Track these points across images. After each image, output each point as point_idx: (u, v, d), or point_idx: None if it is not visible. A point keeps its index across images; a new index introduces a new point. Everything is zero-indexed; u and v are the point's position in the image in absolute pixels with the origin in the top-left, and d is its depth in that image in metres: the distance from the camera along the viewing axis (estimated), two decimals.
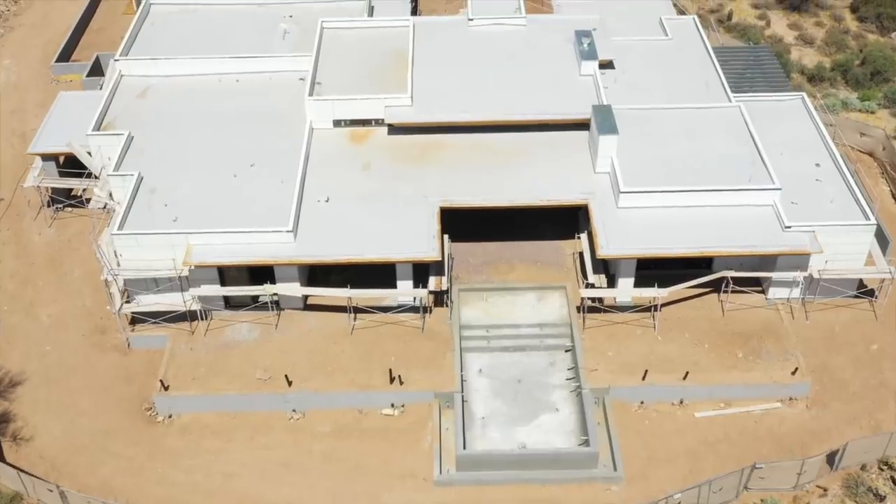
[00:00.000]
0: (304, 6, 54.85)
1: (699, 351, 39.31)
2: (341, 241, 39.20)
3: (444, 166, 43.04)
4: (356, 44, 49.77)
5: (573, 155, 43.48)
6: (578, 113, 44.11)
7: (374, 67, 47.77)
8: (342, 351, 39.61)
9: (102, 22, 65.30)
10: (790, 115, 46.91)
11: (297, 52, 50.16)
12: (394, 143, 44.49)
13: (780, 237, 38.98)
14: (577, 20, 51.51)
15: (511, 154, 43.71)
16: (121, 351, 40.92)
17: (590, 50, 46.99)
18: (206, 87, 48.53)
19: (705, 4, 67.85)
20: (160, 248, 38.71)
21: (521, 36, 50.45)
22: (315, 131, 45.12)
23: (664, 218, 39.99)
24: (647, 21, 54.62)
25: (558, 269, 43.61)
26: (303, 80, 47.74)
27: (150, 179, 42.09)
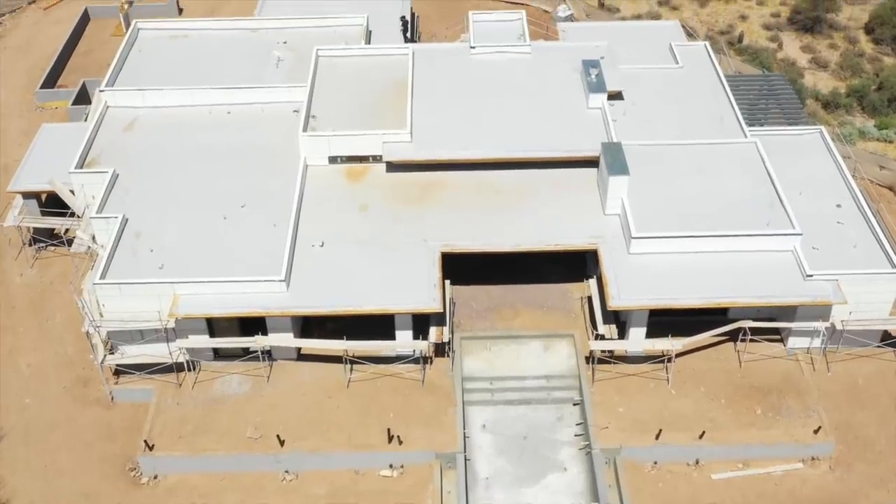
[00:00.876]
0: (298, 31, 53.13)
1: (715, 406, 37.49)
2: (337, 291, 37.39)
3: (445, 207, 41.25)
4: (353, 73, 47.97)
5: (581, 195, 41.69)
6: (586, 150, 42.34)
7: (371, 99, 45.99)
8: (338, 406, 37.78)
9: (90, 44, 63.51)
10: (808, 150, 45.15)
11: (291, 81, 48.51)
12: (392, 182, 42.68)
13: (801, 286, 37.16)
14: (584, 48, 49.73)
15: (515, 193, 41.92)
16: (104, 405, 39.09)
17: (598, 82, 45.19)
18: (196, 119, 46.72)
19: (715, 25, 66.11)
20: (145, 297, 36.89)
21: (525, 65, 48.65)
22: (309, 168, 43.34)
23: (678, 264, 38.19)
24: (656, 46, 52.84)
25: (565, 315, 41.81)
26: (297, 112, 46.01)
27: (135, 222, 40.27)
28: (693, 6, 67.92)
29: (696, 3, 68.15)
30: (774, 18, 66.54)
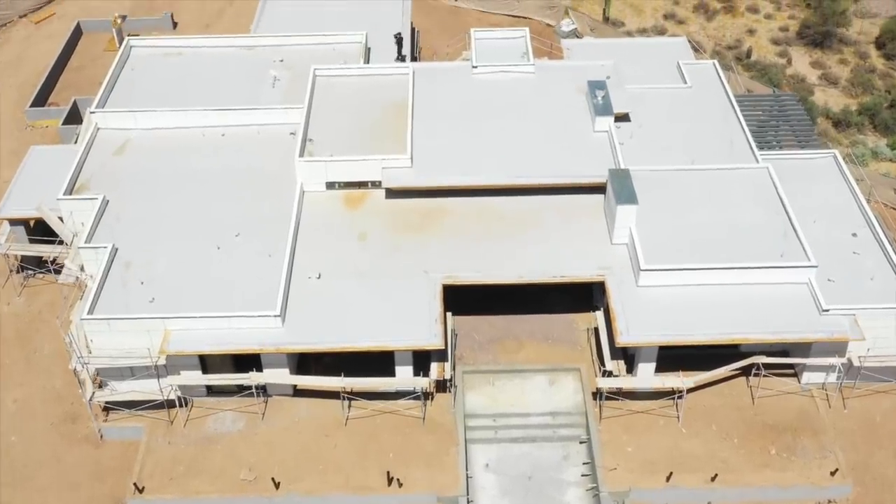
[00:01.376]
0: (295, 49, 51.88)
1: (728, 446, 36.25)
2: (334, 326, 36.19)
3: (447, 235, 40.05)
4: (351, 94, 46.75)
5: (587, 222, 40.52)
6: (593, 176, 41.17)
7: (370, 121, 44.77)
8: (335, 445, 36.55)
9: (82, 60, 62.29)
10: (821, 175, 43.97)
11: (287, 102, 47.35)
12: (392, 209, 41.46)
13: (816, 321, 35.95)
14: (589, 67, 48.53)
15: (519, 221, 40.71)
16: (93, 443, 37.86)
17: (604, 104, 43.98)
18: (189, 141, 45.51)
19: (722, 40, 64.91)
20: (135, 333, 35.66)
21: (529, 85, 47.44)
22: (306, 194, 42.14)
23: (688, 297, 37.00)
24: (663, 64, 51.69)
25: (571, 348, 40.60)
26: (293, 134, 44.85)
27: (126, 251, 39.05)
28: (699, 20, 66.77)
29: (703, 16, 66.99)
30: (783, 33, 65.38)
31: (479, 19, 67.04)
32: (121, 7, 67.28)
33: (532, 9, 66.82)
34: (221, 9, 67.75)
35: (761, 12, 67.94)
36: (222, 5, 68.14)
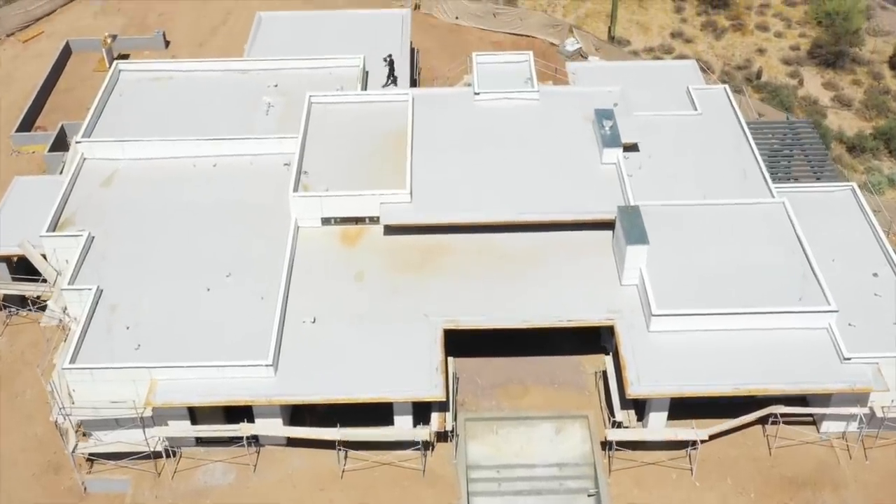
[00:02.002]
0: (290, 73, 50.30)
1: (744, 501, 34.74)
2: (329, 375, 34.71)
3: (448, 275, 38.52)
4: (348, 122, 45.26)
5: (595, 261, 39.01)
6: (601, 213, 39.69)
7: (368, 152, 43.32)
8: (331, 500, 35.11)
9: (71, 81, 60.68)
10: (839, 209, 42.47)
11: (281, 129, 46.14)
12: (390, 246, 39.92)
13: (837, 371, 34.43)
14: (596, 94, 47.06)
15: (524, 259, 39.20)
16: (76, 495, 36.33)
17: (612, 135, 42.43)
18: (179, 172, 44.08)
19: (731, 60, 63.37)
20: (120, 382, 34.09)
21: (534, 113, 45.92)
22: (301, 230, 40.57)
23: (702, 344, 35.50)
24: (672, 88, 50.22)
25: (579, 392, 39.03)
26: (287, 165, 43.32)
27: (111, 293, 37.50)
28: (708, 38, 65.24)
29: (711, 35, 65.46)
30: (794, 52, 63.84)
31: (480, 38, 65.53)
32: (111, 25, 65.74)
33: (535, 27, 65.25)
34: (215, 27, 66.19)
35: (771, 30, 66.42)
36: (216, 23, 66.57)
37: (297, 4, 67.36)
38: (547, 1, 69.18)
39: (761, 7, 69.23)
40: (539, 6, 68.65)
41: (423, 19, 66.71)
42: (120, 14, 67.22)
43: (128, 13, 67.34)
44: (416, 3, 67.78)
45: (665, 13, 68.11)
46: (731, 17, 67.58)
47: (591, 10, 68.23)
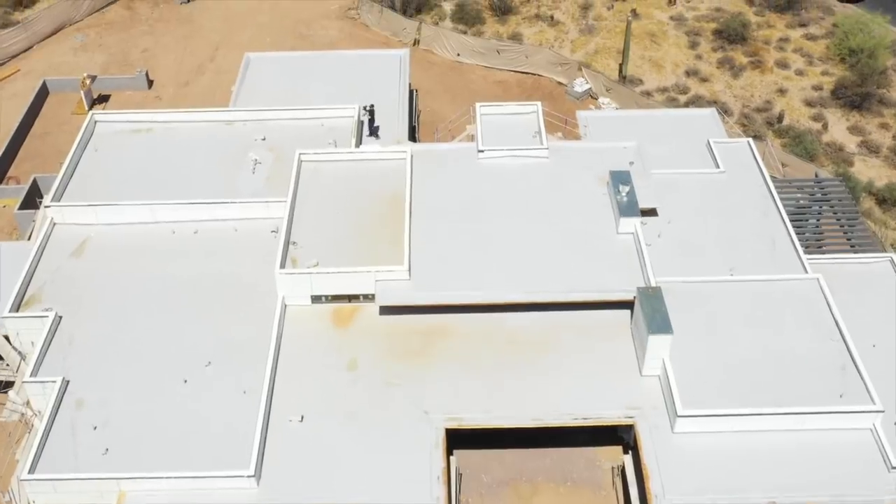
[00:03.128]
0: (279, 124, 47.28)
1: None
2: (317, 484, 31.67)
3: (450, 364, 35.50)
4: (341, 183, 42.32)
5: (612, 346, 36.04)
6: (618, 292, 36.58)
7: (362, 219, 40.37)
8: None
9: (48, 125, 57.76)
10: (877, 283, 39.47)
11: (269, 188, 43.23)
12: (387, 329, 36.87)
13: (883, 480, 31.31)
14: (610, 150, 44.03)
15: (534, 345, 36.17)
16: None
17: (629, 202, 39.39)
18: (157, 240, 41.10)
19: (751, 101, 60.34)
20: (85, 494, 30.94)
21: (543, 172, 42.92)
22: (288, 308, 37.42)
23: (732, 447, 32.60)
24: (691, 140, 47.43)
25: (594, 492, 35.90)
26: (275, 232, 40.25)
27: (78, 385, 34.55)
28: (725, 77, 62.23)
29: (728, 73, 62.47)
30: (817, 92, 60.83)
31: (483, 77, 62.61)
32: (92, 63, 62.85)
33: (542, 65, 62.31)
34: (201, 64, 63.26)
35: (792, 67, 63.43)
36: (202, 60, 63.66)
37: (290, 40, 64.61)
38: (554, 36, 66.19)
39: (780, 42, 66.28)
40: (545, 41, 65.66)
41: (422, 56, 63.83)
42: (101, 50, 64.29)
43: (109, 49, 64.40)
44: (416, 38, 64.86)
45: (679, 49, 65.12)
46: (748, 53, 64.60)
47: (601, 45, 65.23)
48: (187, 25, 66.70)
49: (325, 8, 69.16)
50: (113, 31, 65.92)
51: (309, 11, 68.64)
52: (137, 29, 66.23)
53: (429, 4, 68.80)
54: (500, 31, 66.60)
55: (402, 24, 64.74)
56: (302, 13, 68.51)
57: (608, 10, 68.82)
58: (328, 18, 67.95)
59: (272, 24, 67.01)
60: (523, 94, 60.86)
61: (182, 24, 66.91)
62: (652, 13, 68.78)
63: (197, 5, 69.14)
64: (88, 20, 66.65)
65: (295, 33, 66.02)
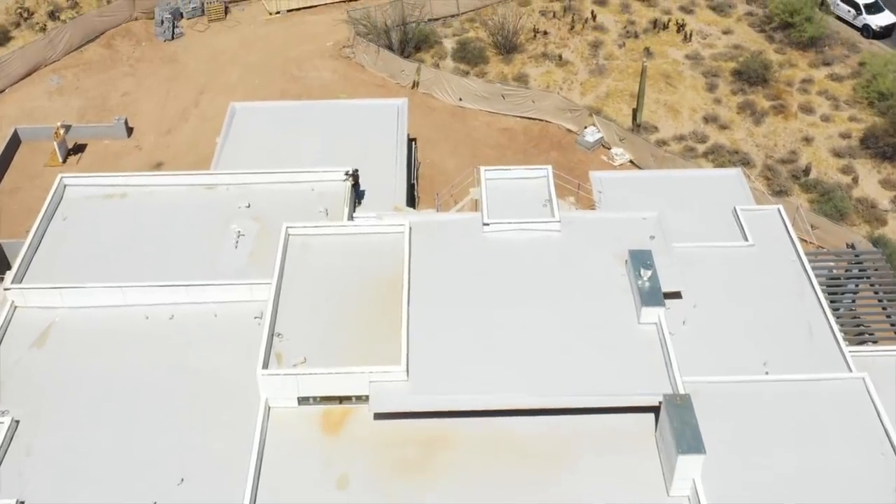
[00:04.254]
0: (265, 188, 43.95)
1: None
2: None
3: (451, 482, 32.22)
4: (332, 261, 39.01)
5: (635, 459, 32.62)
6: (641, 397, 33.11)
7: (355, 306, 37.04)
8: None
9: (18, 179, 54.41)
10: None
11: (253, 265, 39.90)
12: (381, 437, 33.53)
13: None
14: (628, 221, 40.60)
15: (546, 457, 32.83)
16: None
17: (651, 289, 35.97)
18: (129, 326, 37.74)
19: (774, 150, 56.94)
20: None
21: (554, 249, 39.53)
22: (272, 411, 33.95)
23: None
24: (716, 204, 44.32)
25: None
26: (259, 319, 36.77)
27: None
28: (746, 124, 58.89)
29: (750, 119, 59.13)
30: (845, 140, 57.49)
31: (487, 124, 59.24)
32: (68, 108, 59.53)
33: (550, 111, 58.98)
34: (185, 109, 59.93)
35: (817, 112, 60.08)
36: (186, 104, 60.35)
37: (280, 82, 61.32)
38: (562, 77, 62.85)
39: (804, 83, 62.98)
40: (553, 83, 62.30)
41: (421, 100, 60.51)
42: (78, 94, 60.92)
43: (87, 92, 61.03)
44: (415, 79, 61.51)
45: (696, 91, 61.78)
46: (770, 97, 61.26)
47: (613, 88, 61.88)
48: (171, 66, 63.35)
49: (319, 45, 65.87)
50: (91, 72, 62.55)
51: (301, 49, 65.35)
52: (118, 70, 62.88)
53: (428, 42, 65.48)
54: (504, 72, 63.27)
55: (399, 66, 61.42)
56: (293, 51, 65.22)
57: (619, 49, 65.52)
58: (321, 58, 64.62)
59: (262, 64, 63.70)
60: (530, 143, 57.48)
61: (166, 63, 63.56)
62: (666, 51, 65.47)
63: (182, 43, 65.82)
64: (65, 60, 63.31)
65: (286, 74, 62.69)
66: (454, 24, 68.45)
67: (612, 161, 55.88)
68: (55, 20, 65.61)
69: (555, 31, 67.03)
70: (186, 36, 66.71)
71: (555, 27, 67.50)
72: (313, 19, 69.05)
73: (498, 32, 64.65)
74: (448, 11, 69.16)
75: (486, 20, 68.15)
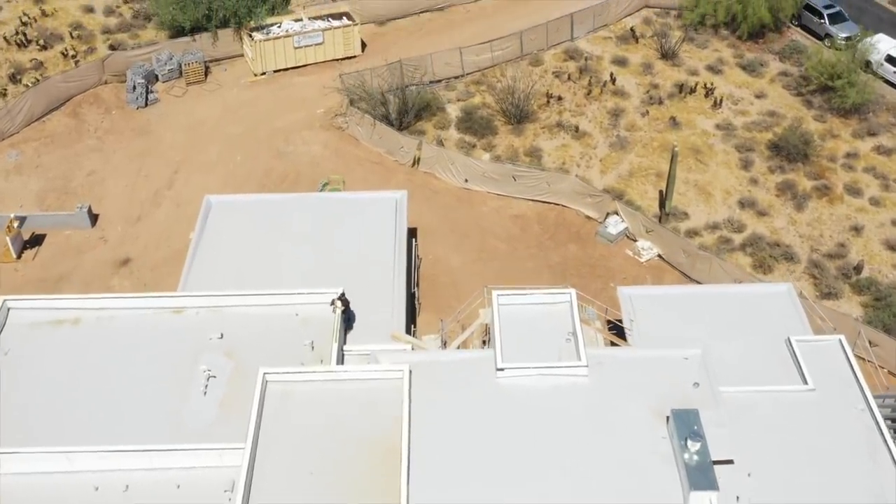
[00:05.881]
0: (241, 312, 38.78)
1: None
2: None
3: None
4: (317, 416, 33.92)
5: None
6: None
7: (345, 476, 31.76)
8: None
9: None
10: None
11: (225, 418, 34.53)
12: None
13: None
14: (667, 362, 35.36)
15: None
16: None
17: (700, 466, 30.73)
18: (76, 499, 31.94)
19: (820, 242, 51.56)
20: None
21: (581, 399, 34.39)
22: None
23: None
24: (765, 328, 39.58)
25: None
26: (229, 494, 31.48)
27: None
28: (787, 209, 53.59)
29: (791, 203, 53.86)
30: None
31: (496, 210, 53.89)
32: (26, 190, 54.25)
33: (567, 194, 53.70)
34: (157, 191, 54.60)
35: (865, 195, 54.82)
36: (159, 185, 55.04)
37: (264, 159, 56.13)
38: (580, 152, 57.56)
39: (848, 157, 57.74)
40: (569, 159, 56.96)
41: (423, 181, 55.23)
42: (38, 173, 55.61)
43: (48, 171, 55.71)
44: (416, 155, 56.20)
45: (729, 169, 56.48)
46: (812, 175, 55.96)
47: (636, 165, 56.60)
48: (143, 138, 58.04)
49: (309, 113, 60.59)
50: (54, 146, 57.24)
51: (289, 118, 60.07)
52: (83, 143, 57.57)
53: (430, 109, 60.11)
54: (514, 145, 57.95)
55: (398, 142, 56.09)
56: (280, 120, 59.93)
57: (642, 118, 60.22)
58: (311, 128, 59.32)
59: (244, 137, 58.38)
60: (545, 234, 52.14)
61: (137, 136, 58.25)
62: (694, 120, 60.18)
63: (156, 111, 60.54)
64: (25, 132, 58.01)
65: (271, 149, 57.36)
66: (458, 87, 63.17)
67: (639, 257, 50.50)
68: (16, 83, 60.22)
69: (570, 97, 61.76)
70: (162, 102, 61.34)
71: (570, 91, 62.22)
72: (302, 81, 63.75)
73: (507, 99, 59.33)
74: (451, 72, 63.88)
75: (493, 83, 62.82)
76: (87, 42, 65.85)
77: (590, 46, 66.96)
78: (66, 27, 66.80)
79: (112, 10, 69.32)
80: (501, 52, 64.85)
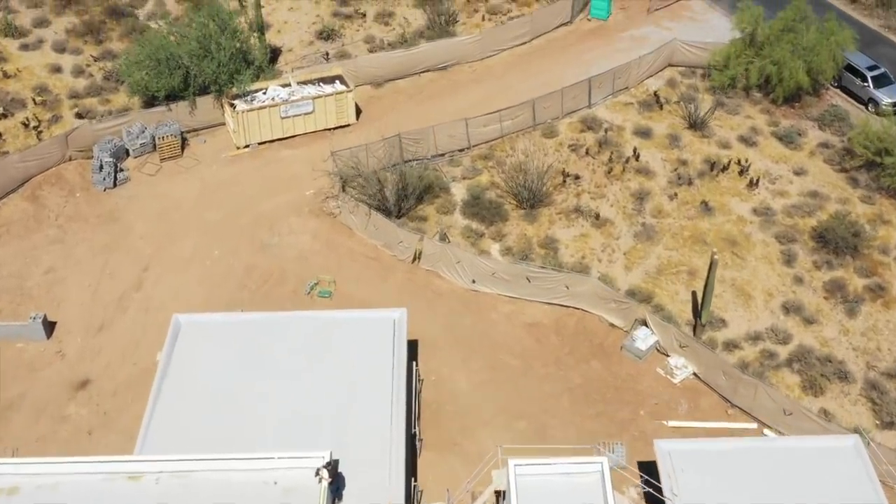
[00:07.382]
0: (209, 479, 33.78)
1: None
2: None
3: None
4: None
5: None
6: None
7: None
8: None
9: None
10: None
11: None
12: None
13: None
14: None
15: None
16: None
17: None
18: None
19: (878, 357, 46.32)
20: None
21: None
22: None
23: None
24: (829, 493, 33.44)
25: None
26: None
27: None
28: (837, 315, 48.44)
29: (841, 307, 48.81)
30: None
31: (508, 316, 48.65)
32: None
33: (588, 299, 48.48)
34: (124, 293, 49.34)
35: None
36: (126, 286, 49.84)
37: (245, 253, 51.04)
38: (601, 243, 52.36)
39: None
40: (589, 252, 51.75)
41: (425, 281, 50.07)
42: None
43: (1, 268, 50.37)
44: (417, 250, 50.96)
45: (770, 265, 51.23)
46: (863, 272, 50.76)
47: (665, 260, 51.36)
48: (109, 227, 52.86)
49: (297, 195, 55.43)
50: (9, 237, 52.09)
51: (274, 201, 54.92)
52: (42, 234, 52.37)
53: (433, 191, 54.91)
54: (527, 234, 52.73)
55: (396, 236, 50.78)
56: (265, 204, 54.75)
57: (670, 201, 55.00)
58: (299, 213, 54.12)
59: (224, 225, 53.17)
60: (564, 348, 46.91)
61: (103, 224, 53.04)
62: (728, 204, 54.96)
63: (125, 192, 55.38)
64: None
65: (253, 241, 52.15)
66: (463, 162, 58.01)
67: (672, 377, 45.20)
68: None
69: (589, 175, 56.56)
70: (132, 182, 56.11)
71: (588, 168, 57.01)
72: (290, 155, 58.55)
73: (517, 179, 54.14)
74: (455, 146, 58.69)
75: (502, 158, 57.63)
76: (51, 109, 60.67)
77: (609, 114, 61.74)
78: (29, 90, 61.64)
79: (81, 70, 64.11)
80: (511, 121, 59.63)
